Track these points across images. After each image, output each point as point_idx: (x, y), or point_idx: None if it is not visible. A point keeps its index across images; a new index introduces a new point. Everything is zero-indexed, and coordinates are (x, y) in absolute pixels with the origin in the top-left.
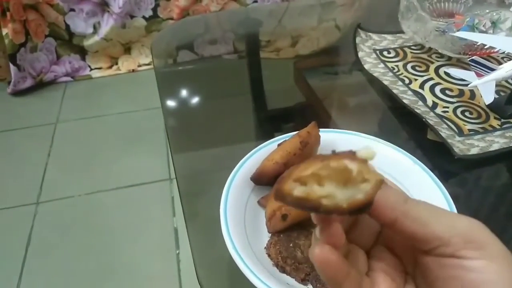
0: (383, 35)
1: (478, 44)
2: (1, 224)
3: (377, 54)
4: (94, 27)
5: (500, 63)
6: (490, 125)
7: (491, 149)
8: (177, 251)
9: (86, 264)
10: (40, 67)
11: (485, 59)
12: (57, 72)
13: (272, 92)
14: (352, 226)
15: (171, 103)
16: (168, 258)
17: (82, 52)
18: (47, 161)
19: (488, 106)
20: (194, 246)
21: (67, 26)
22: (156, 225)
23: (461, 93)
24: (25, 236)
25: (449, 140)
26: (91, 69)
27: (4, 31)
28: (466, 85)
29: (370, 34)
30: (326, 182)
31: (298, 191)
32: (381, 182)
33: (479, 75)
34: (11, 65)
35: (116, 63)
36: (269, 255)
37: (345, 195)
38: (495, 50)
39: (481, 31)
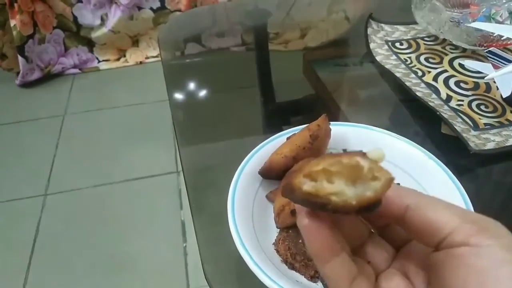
0: (395, 26)
1: (494, 35)
2: (9, 215)
3: (389, 46)
4: (102, 19)
5: None
6: (507, 119)
7: (508, 144)
8: (184, 244)
9: (94, 256)
10: (48, 59)
11: (503, 51)
12: (65, 64)
13: (280, 85)
14: (364, 245)
15: (178, 96)
16: (175, 251)
17: (90, 44)
18: (55, 153)
19: (505, 99)
20: (201, 241)
21: (75, 17)
22: (163, 218)
23: (477, 86)
24: (33, 227)
25: (464, 134)
26: (99, 61)
27: (12, 22)
28: (482, 77)
29: (382, 25)
30: (336, 179)
31: (308, 186)
32: (391, 181)
33: (496, 67)
34: (19, 57)
35: (124, 55)
36: (277, 251)
37: (355, 193)
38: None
39: (498, 22)
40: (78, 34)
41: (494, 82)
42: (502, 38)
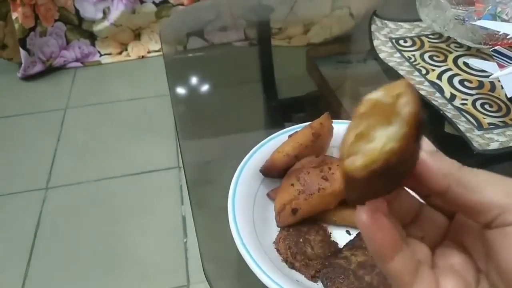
0: (399, 23)
1: (500, 33)
2: (10, 209)
3: (393, 43)
4: (104, 12)
5: None
6: (511, 119)
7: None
8: (185, 240)
9: (94, 250)
10: (50, 52)
11: (508, 50)
12: (66, 57)
13: (283, 81)
14: (415, 220)
15: (180, 90)
16: (175, 246)
17: (92, 38)
18: (56, 146)
19: (510, 99)
20: (201, 239)
21: (77, 10)
22: (164, 213)
23: (481, 84)
24: (34, 221)
25: (467, 134)
26: (101, 55)
27: (14, 15)
28: (487, 76)
29: (386, 22)
30: (373, 135)
31: (358, 161)
32: (409, 85)
33: (501, 66)
34: (21, 50)
35: (126, 49)
36: (278, 250)
37: (397, 127)
38: None
39: (504, 20)
40: (80, 27)
41: (499, 81)
42: (507, 37)
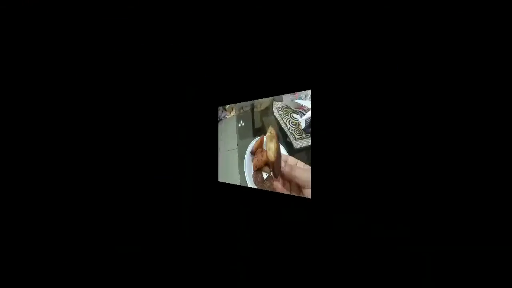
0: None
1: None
2: None
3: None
4: None
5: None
6: (303, 137)
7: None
8: None
9: None
10: None
11: (301, 112)
12: None
13: None
14: None
15: None
16: None
17: None
18: None
19: (304, 129)
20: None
21: None
22: None
23: (298, 124)
24: None
25: (292, 141)
26: None
27: None
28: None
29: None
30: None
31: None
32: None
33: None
34: None
35: None
36: (254, 177)
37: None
38: (305, 106)
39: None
40: None
41: (300, 122)
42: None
